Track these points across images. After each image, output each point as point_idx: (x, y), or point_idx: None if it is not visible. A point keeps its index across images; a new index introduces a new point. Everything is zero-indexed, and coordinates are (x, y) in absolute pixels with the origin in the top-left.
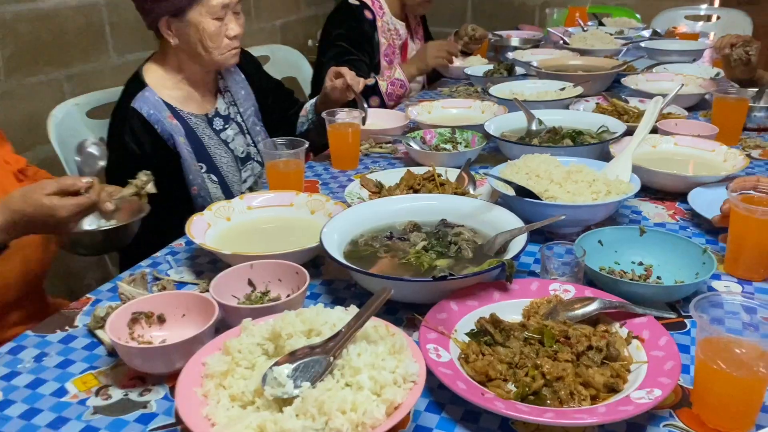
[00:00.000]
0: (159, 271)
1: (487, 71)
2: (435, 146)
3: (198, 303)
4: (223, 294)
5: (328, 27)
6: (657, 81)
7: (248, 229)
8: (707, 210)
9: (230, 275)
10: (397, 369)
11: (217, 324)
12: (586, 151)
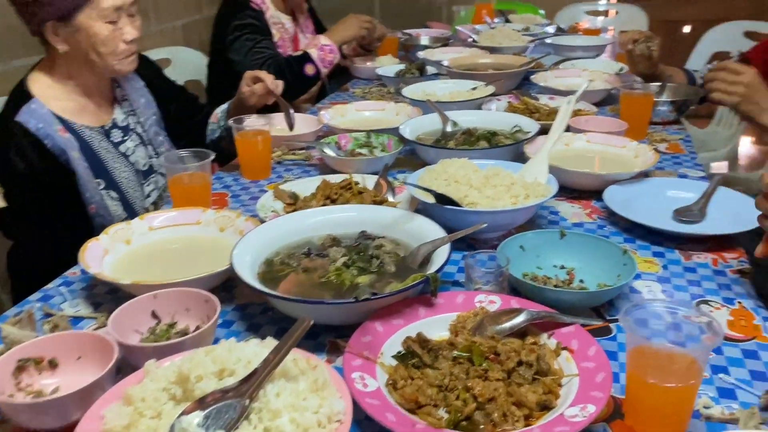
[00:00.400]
0: (51, 305)
1: (399, 71)
2: (351, 151)
3: (95, 343)
4: (124, 329)
5: (222, 24)
6: (565, 77)
7: (151, 253)
8: (622, 208)
9: (131, 308)
10: (321, 409)
11: (118, 364)
12: (502, 152)
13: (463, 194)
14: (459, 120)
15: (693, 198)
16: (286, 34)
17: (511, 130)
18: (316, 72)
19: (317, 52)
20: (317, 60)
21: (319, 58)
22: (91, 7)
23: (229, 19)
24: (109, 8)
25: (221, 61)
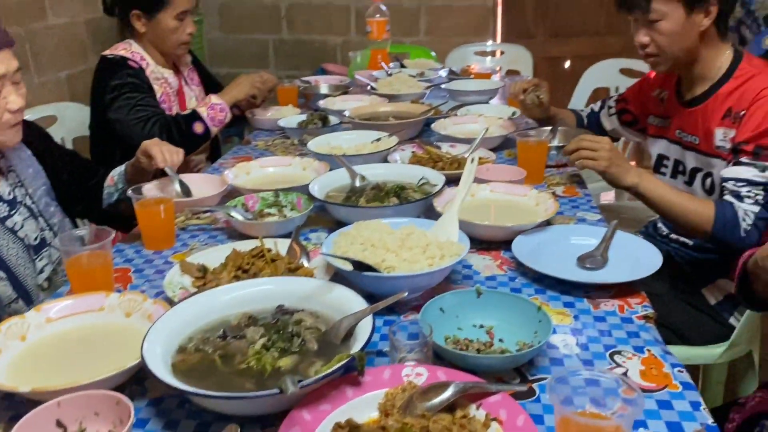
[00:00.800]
0: None
1: (301, 122)
2: (259, 212)
3: None
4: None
5: (100, 85)
6: (463, 124)
7: (50, 350)
8: (530, 258)
9: (33, 420)
10: None
11: None
12: (413, 207)
13: (380, 258)
14: (367, 174)
15: (594, 243)
16: (170, 89)
17: (418, 182)
18: (205, 130)
19: (207, 111)
20: (207, 119)
21: (209, 116)
22: None
23: (106, 80)
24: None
25: (102, 120)
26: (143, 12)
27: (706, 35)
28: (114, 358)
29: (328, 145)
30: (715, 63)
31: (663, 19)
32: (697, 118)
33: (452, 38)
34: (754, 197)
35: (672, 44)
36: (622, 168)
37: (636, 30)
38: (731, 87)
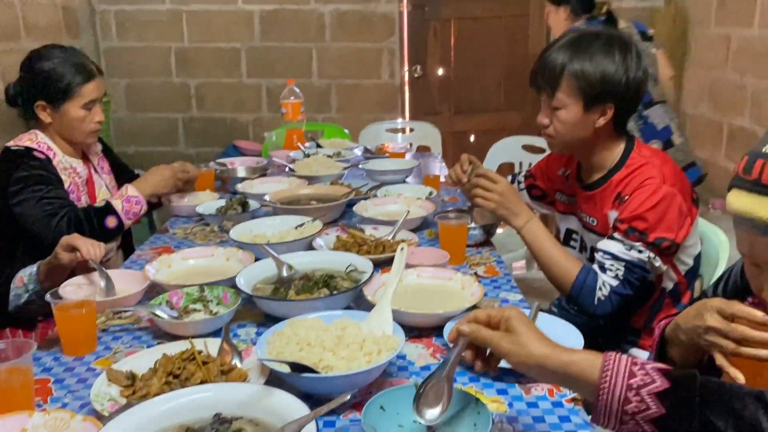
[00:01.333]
0: None
1: (220, 208)
2: (184, 308)
3: None
4: None
5: (3, 176)
6: (383, 205)
7: None
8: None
9: None
10: None
11: None
12: (343, 298)
13: (317, 358)
14: (294, 262)
15: None
16: (79, 179)
17: (346, 269)
18: (118, 224)
19: (122, 204)
20: (121, 212)
21: (124, 210)
22: None
23: (10, 172)
24: None
25: (4, 216)
26: (48, 103)
27: (603, 131)
28: None
29: (251, 233)
30: (610, 154)
31: (563, 108)
32: (595, 202)
33: (363, 115)
34: (615, 271)
35: (567, 132)
36: (510, 211)
37: (541, 109)
38: (622, 175)
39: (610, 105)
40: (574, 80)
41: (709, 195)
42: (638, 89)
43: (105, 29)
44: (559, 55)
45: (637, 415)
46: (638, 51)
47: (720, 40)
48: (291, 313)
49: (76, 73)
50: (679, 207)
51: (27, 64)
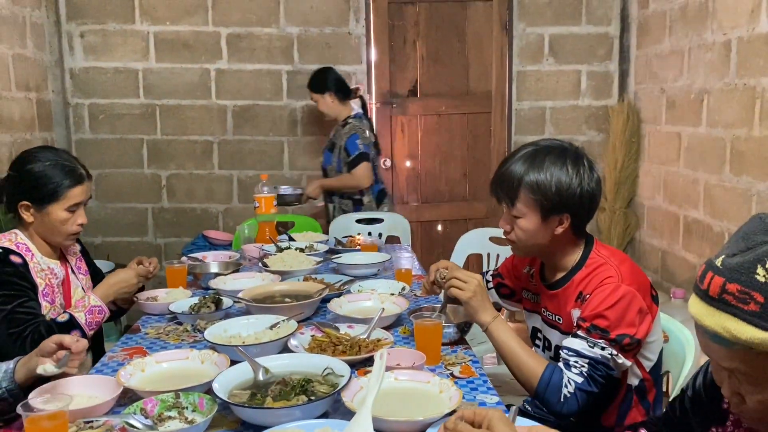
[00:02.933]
0: None
1: (193, 305)
2: (158, 415)
3: None
4: None
5: None
6: (357, 301)
7: None
8: None
9: None
10: None
11: None
12: (321, 404)
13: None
14: (270, 365)
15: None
16: (55, 280)
17: (323, 372)
18: (81, 337)
19: (85, 316)
20: (84, 325)
21: (87, 322)
22: None
23: None
24: None
25: None
26: (32, 203)
27: (562, 236)
28: None
29: (225, 333)
30: (571, 256)
31: (522, 218)
32: (559, 300)
33: None
34: (580, 368)
35: (527, 239)
36: (481, 305)
37: (503, 216)
38: (583, 274)
39: (567, 215)
40: (530, 193)
41: (670, 285)
42: (592, 198)
43: (78, 122)
44: (516, 167)
45: None
46: (590, 161)
47: (671, 137)
48: (268, 420)
49: (65, 177)
50: (639, 305)
51: (18, 164)
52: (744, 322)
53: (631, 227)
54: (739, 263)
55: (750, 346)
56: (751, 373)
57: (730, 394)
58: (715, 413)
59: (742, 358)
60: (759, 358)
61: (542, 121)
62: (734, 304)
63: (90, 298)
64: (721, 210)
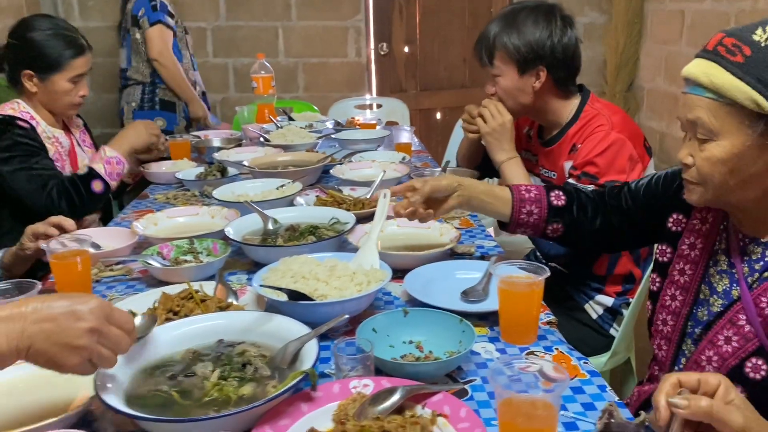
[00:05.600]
0: None
1: (200, 174)
2: (175, 259)
3: None
4: None
5: None
6: (359, 169)
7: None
8: (421, 292)
9: None
10: None
11: None
12: (329, 244)
13: (312, 288)
14: (278, 217)
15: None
16: (62, 148)
17: (329, 222)
18: (104, 188)
19: (103, 166)
20: (105, 175)
21: (107, 172)
22: None
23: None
24: None
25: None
26: (35, 73)
27: (545, 93)
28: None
29: (232, 194)
30: (563, 112)
31: (501, 76)
32: (554, 156)
33: (330, 94)
34: None
35: (508, 98)
36: (499, 143)
37: (487, 80)
38: (577, 127)
39: (542, 68)
40: (504, 49)
41: (667, 166)
42: (565, 50)
43: (67, 9)
44: (491, 27)
45: None
46: (565, 17)
47: (675, 15)
48: (278, 259)
49: (66, 47)
50: (629, 152)
51: (17, 32)
52: (725, 70)
53: (630, 111)
54: (745, 26)
55: (721, 93)
56: (710, 126)
57: (684, 155)
58: (674, 201)
59: (708, 107)
60: (722, 110)
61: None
62: (723, 55)
63: (105, 150)
64: None
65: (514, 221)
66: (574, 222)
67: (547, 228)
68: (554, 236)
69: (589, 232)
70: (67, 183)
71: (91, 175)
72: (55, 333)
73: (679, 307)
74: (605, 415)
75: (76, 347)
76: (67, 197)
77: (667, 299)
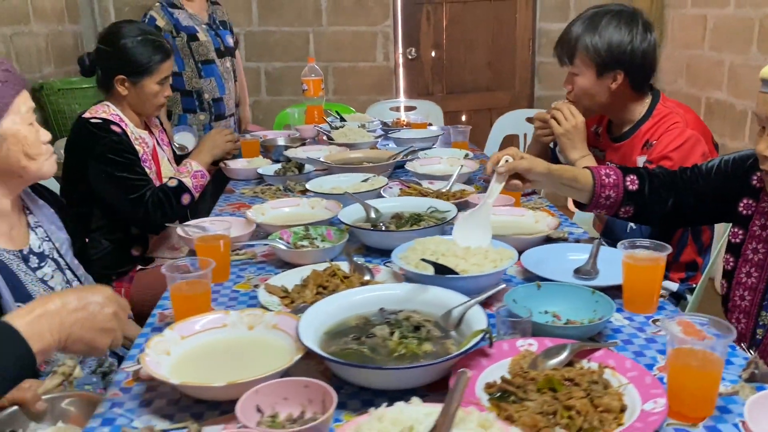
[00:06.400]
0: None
1: (278, 170)
2: (294, 244)
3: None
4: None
5: (81, 148)
6: (429, 164)
7: (199, 359)
8: (536, 266)
9: (241, 407)
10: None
11: None
12: (433, 230)
13: (453, 265)
14: (379, 207)
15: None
16: (148, 149)
17: (427, 210)
18: (190, 200)
19: (191, 181)
20: (192, 189)
21: (194, 186)
22: (14, 111)
23: (90, 145)
24: (29, 110)
25: (82, 182)
26: (128, 77)
27: (621, 93)
28: (261, 361)
29: (321, 188)
30: (636, 109)
31: (580, 75)
32: (624, 151)
33: (358, 97)
34: None
35: (584, 97)
36: (572, 143)
37: (565, 78)
38: (650, 124)
39: (620, 71)
40: (585, 51)
41: None
42: (645, 56)
43: (104, 15)
44: (574, 28)
45: None
46: (645, 22)
47: (696, 20)
48: (391, 244)
49: (155, 52)
50: (702, 149)
51: (108, 38)
52: None
53: None
54: None
55: None
56: None
57: (763, 148)
58: (744, 187)
59: None
60: None
61: (567, 7)
62: None
63: (191, 164)
64: (744, 89)
65: (594, 204)
66: (645, 204)
67: (620, 210)
68: (625, 216)
69: (659, 213)
70: (161, 195)
71: (181, 189)
72: (89, 320)
73: (755, 283)
74: (751, 365)
75: (107, 330)
76: (161, 209)
77: (743, 277)
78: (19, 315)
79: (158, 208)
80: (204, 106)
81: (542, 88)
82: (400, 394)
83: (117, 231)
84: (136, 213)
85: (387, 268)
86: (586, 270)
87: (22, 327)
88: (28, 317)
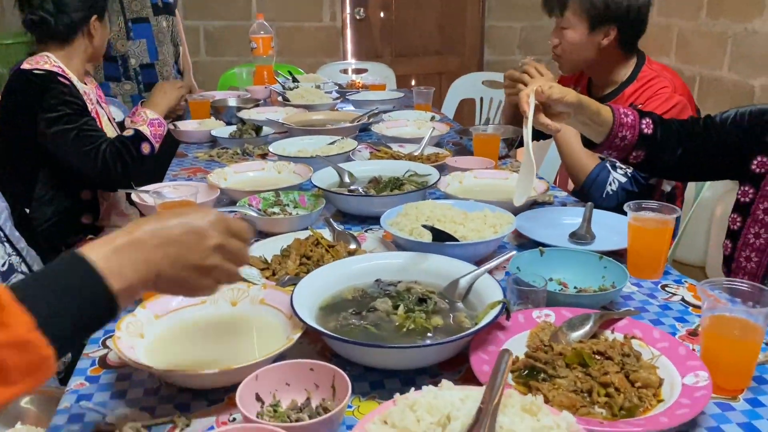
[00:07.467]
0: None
1: (233, 132)
2: (264, 211)
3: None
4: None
5: (24, 102)
6: (396, 127)
7: (177, 341)
8: (531, 232)
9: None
10: (559, 423)
11: None
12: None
13: (452, 230)
14: (353, 171)
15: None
16: (91, 105)
17: (404, 174)
18: (151, 150)
19: (148, 129)
20: (150, 137)
21: (152, 134)
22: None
23: (36, 98)
24: None
25: (28, 139)
26: (100, 15)
27: (609, 51)
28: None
29: (284, 150)
30: (621, 71)
31: (570, 28)
32: None
33: (304, 58)
34: (625, 169)
35: (572, 52)
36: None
37: (553, 30)
38: (635, 87)
39: (613, 27)
40: (579, 2)
41: None
42: (639, 12)
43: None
44: None
45: None
46: None
47: None
48: (372, 210)
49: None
50: (689, 114)
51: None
52: None
53: None
54: None
55: None
56: None
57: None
58: (759, 143)
59: None
60: None
61: None
62: None
63: (146, 112)
64: (694, 55)
65: (607, 143)
66: (656, 151)
67: (631, 153)
68: (634, 162)
69: (667, 162)
70: (118, 144)
71: (138, 137)
72: (182, 256)
73: (764, 245)
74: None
75: (207, 268)
76: (121, 160)
77: (751, 237)
78: (97, 245)
79: (117, 159)
80: (129, 73)
81: (492, 53)
82: (411, 374)
83: (64, 197)
84: (94, 167)
85: (373, 234)
86: (581, 234)
87: (99, 261)
88: (106, 247)
